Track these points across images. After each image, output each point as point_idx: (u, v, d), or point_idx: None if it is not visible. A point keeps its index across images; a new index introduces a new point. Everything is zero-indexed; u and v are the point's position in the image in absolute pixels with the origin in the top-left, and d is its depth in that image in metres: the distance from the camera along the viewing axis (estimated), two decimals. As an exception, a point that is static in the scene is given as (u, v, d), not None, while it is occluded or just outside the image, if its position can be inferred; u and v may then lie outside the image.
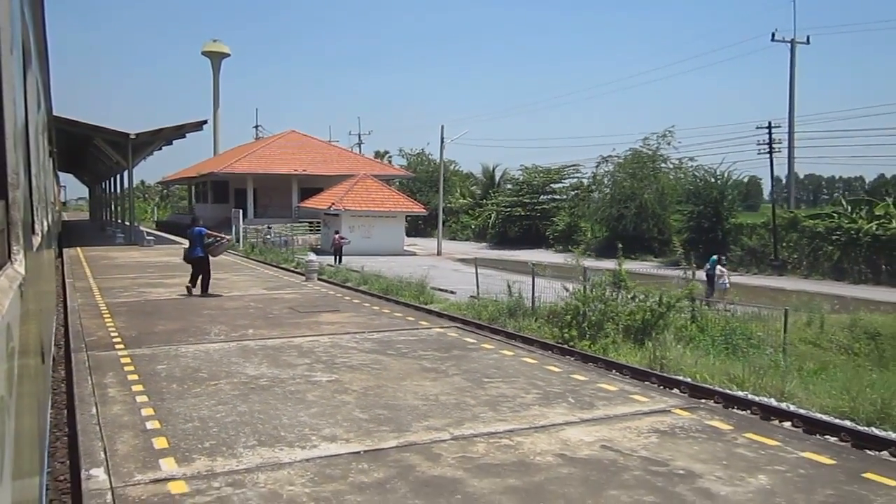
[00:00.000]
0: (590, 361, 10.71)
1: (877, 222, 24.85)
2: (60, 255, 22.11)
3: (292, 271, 20.63)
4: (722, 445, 5.29)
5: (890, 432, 8.06)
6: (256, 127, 76.21)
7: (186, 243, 14.97)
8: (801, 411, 8.39)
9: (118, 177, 39.07)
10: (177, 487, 4.34)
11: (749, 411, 8.24)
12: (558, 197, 42.77)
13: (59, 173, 37.22)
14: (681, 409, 6.33)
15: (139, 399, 6.28)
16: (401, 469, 4.69)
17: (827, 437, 7.37)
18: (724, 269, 21.86)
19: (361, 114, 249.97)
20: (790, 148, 32.05)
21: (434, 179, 54.39)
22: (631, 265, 27.03)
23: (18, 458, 1.74)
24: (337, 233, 31.87)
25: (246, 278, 16.80)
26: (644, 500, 4.23)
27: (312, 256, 17.79)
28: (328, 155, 48.77)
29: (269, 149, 48.37)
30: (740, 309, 16.58)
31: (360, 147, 72.10)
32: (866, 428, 8.20)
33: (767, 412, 8.24)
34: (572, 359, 10.39)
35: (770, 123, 28.10)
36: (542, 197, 42.59)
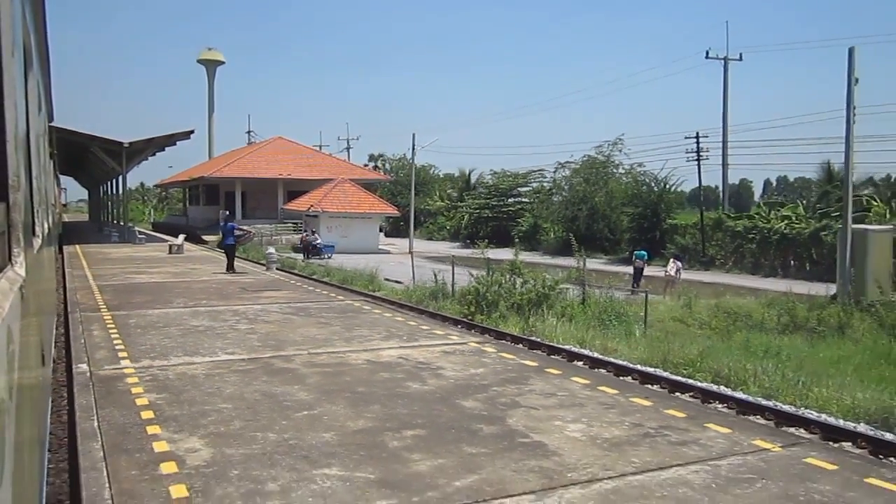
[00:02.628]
0: (473, 328, 13.77)
1: (785, 222, 27.96)
2: (61, 251, 25.18)
3: (260, 263, 23.74)
4: (476, 358, 8.37)
5: (664, 371, 11.09)
6: (249, 132, 79.37)
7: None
8: (594, 354, 11.45)
9: (115, 181, 42.21)
10: (127, 370, 7.44)
11: (561, 356, 11.27)
12: (524, 200, 45.98)
13: (60, 177, 40.31)
14: (474, 342, 9.43)
15: (112, 335, 9.38)
16: (264, 365, 7.79)
17: (600, 369, 10.40)
18: (676, 264, 24.64)
19: (356, 117, 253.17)
20: (724, 155, 35.18)
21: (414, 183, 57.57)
22: (576, 262, 30.26)
23: (18, 460, 1.73)
24: (305, 232, 34.96)
25: (216, 268, 19.92)
26: (396, 376, 7.33)
27: (271, 250, 20.93)
28: (313, 160, 51.90)
29: (258, 154, 51.51)
30: (631, 294, 19.63)
31: (348, 152, 75.23)
32: (651, 369, 11.24)
33: (572, 356, 11.29)
34: (448, 323, 13.46)
35: (698, 134, 31.32)
36: (509, 200, 45.85)
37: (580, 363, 10.84)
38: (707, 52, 35.00)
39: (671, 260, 24.37)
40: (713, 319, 17.40)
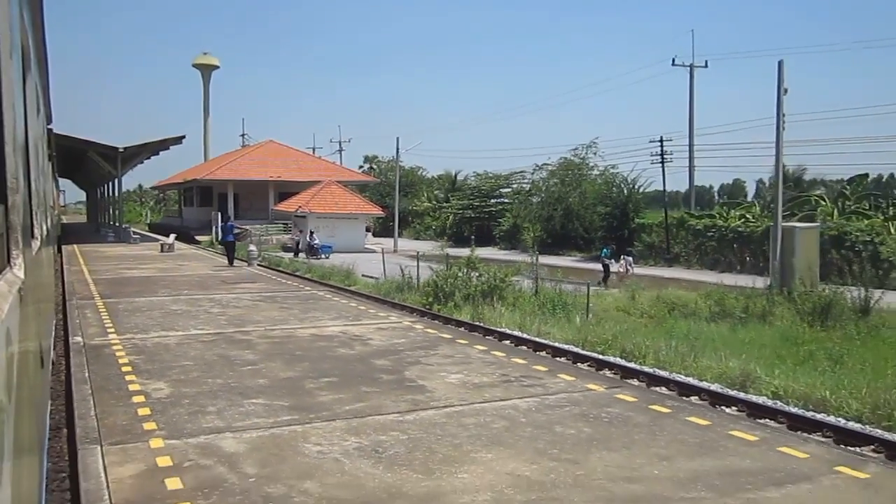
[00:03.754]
0: (426, 315, 15.47)
1: (742, 221, 29.72)
2: (60, 251, 26.87)
3: (242, 260, 25.42)
4: (403, 332, 10.10)
5: (584, 350, 12.79)
6: (243, 135, 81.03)
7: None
8: (522, 334, 13.16)
9: (111, 183, 43.92)
10: (113, 341, 9.17)
11: (492, 336, 12.97)
12: (505, 201, 47.77)
13: (59, 179, 42.03)
14: (408, 321, 11.16)
15: (103, 317, 11.11)
16: (225, 337, 9.52)
17: (522, 347, 12.11)
18: (627, 260, 26.42)
19: (352, 119, 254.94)
20: (690, 157, 37.00)
21: (403, 184, 59.30)
22: (553, 259, 32.19)
23: (17, 462, 1.74)
24: (292, 233, 36.69)
25: (201, 264, 21.62)
26: (331, 344, 9.06)
27: (253, 248, 22.65)
28: (303, 163, 53.57)
29: (249, 157, 53.19)
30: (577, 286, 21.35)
31: (340, 154, 76.91)
32: (580, 349, 12.93)
33: (501, 335, 12.98)
34: (400, 310, 15.15)
35: (662, 138, 33.11)
36: (491, 200, 47.65)
37: (508, 342, 12.54)
38: (673, 60, 36.83)
39: (622, 257, 26.13)
40: (652, 309, 19.14)
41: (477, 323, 14.52)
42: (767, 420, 7.57)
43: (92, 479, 4.52)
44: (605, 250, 27.06)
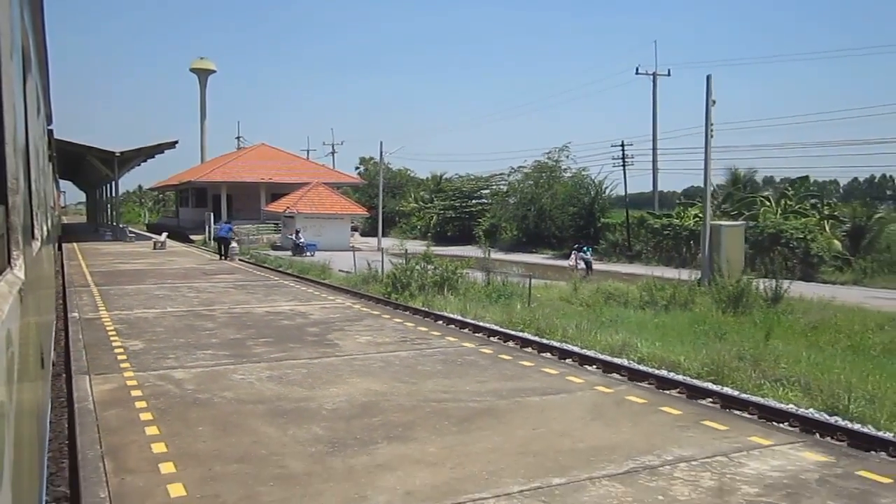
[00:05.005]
0: (380, 301, 17.67)
1: (695, 220, 31.93)
2: (60, 249, 29.10)
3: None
4: (341, 310, 12.31)
5: (501, 327, 14.97)
6: (238, 138, 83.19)
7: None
8: (454, 315, 15.36)
9: (109, 185, 46.16)
10: (104, 316, 11.40)
11: (431, 319, 15.16)
12: (484, 201, 50.07)
13: (60, 181, 44.25)
14: (349, 302, 13.37)
15: (97, 299, 13.34)
16: (194, 313, 11.75)
17: (452, 326, 14.30)
18: (586, 255, 28.68)
19: (347, 121, 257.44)
20: (654, 160, 39.24)
21: (390, 186, 61.67)
22: (527, 257, 34.44)
23: (18, 463, 1.75)
24: (280, 232, 38.88)
25: (188, 259, 23.85)
26: (278, 317, 11.28)
27: (234, 244, 24.92)
28: (293, 165, 55.83)
29: (242, 160, 55.44)
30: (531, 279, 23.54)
31: (333, 156, 79.17)
32: (502, 328, 15.13)
33: (436, 316, 15.18)
34: (366, 300, 17.36)
35: (623, 143, 35.41)
36: (472, 201, 49.96)
37: (440, 321, 14.77)
38: (637, 69, 39.06)
39: (572, 253, 28.36)
40: (591, 298, 21.36)
41: (424, 308, 16.74)
42: (615, 373, 9.77)
43: (81, 391, 6.74)
44: (586, 249, 29.32)
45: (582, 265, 27.77)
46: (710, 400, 8.74)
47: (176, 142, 38.08)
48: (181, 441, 5.24)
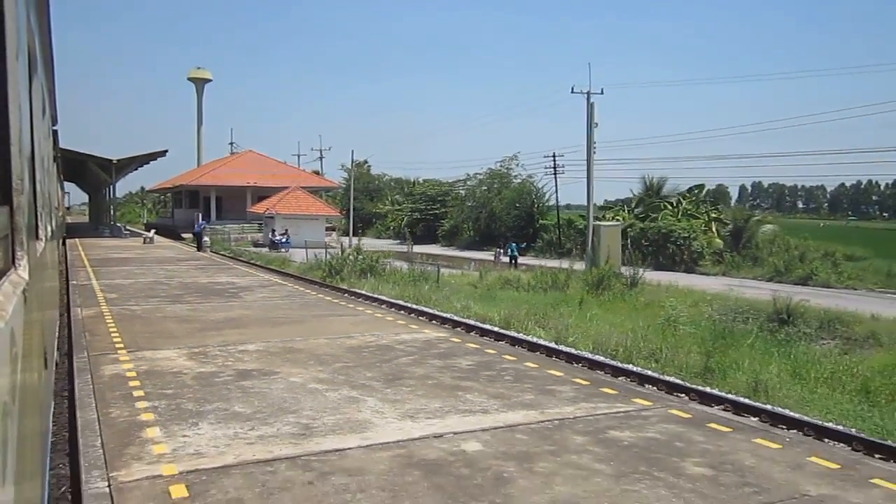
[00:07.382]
0: (314, 284, 22.69)
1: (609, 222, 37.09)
2: (64, 244, 34.22)
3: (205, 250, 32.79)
4: (260, 281, 17.35)
5: (397, 300, 19.99)
6: (231, 143, 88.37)
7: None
8: (385, 297, 20.40)
9: (109, 188, 51.36)
10: (94, 284, 16.50)
11: (361, 298, 20.17)
12: (447, 204, 55.30)
13: (65, 182, 49.41)
14: (273, 277, 18.43)
15: (90, 274, 18.44)
16: (157, 282, 16.83)
17: (353, 297, 19.34)
18: (513, 252, 33.77)
19: (337, 127, 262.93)
20: (588, 172, 44.14)
21: (369, 189, 66.84)
22: (477, 253, 39.53)
23: (21, 463, 1.76)
24: (263, 232, 43.96)
25: (169, 252, 28.91)
26: (214, 285, 16.35)
27: (206, 239, 30.04)
28: (277, 170, 60.98)
29: (231, 165, 60.62)
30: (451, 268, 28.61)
31: (321, 161, 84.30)
32: (391, 300, 20.13)
33: (345, 291, 20.20)
34: (301, 281, 22.37)
35: (554, 154, 40.55)
36: (436, 204, 55.17)
37: (356, 297, 19.81)
38: (572, 88, 44.00)
39: (496, 249, 33.44)
40: (493, 284, 26.40)
41: (343, 287, 21.78)
42: (447, 325, 14.77)
43: (76, 314, 11.80)
44: (512, 246, 34.37)
45: (504, 259, 32.80)
46: (475, 332, 13.77)
47: (166, 151, 43.30)
48: (125, 328, 10.31)
